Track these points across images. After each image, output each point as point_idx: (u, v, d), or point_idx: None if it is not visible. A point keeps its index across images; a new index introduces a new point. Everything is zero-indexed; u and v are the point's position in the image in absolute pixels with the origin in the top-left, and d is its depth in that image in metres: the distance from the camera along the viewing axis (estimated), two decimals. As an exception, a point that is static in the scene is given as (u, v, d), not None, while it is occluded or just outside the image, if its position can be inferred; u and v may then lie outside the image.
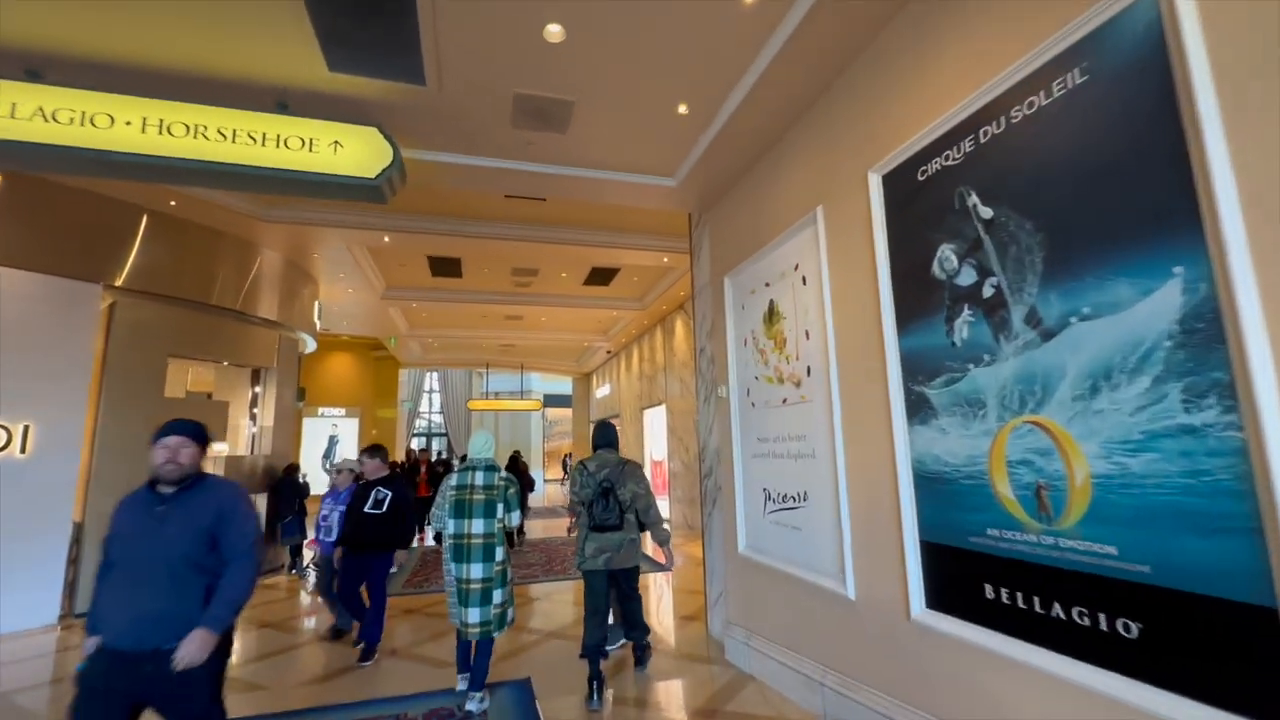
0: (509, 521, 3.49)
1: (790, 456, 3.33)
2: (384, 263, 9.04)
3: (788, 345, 3.39)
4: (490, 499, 3.40)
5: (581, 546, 3.62)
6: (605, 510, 3.54)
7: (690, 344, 10.45)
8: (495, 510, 3.40)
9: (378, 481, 4.45)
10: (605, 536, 3.55)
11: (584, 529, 3.63)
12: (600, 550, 3.54)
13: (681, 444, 10.96)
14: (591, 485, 3.61)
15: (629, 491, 3.63)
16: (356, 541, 4.30)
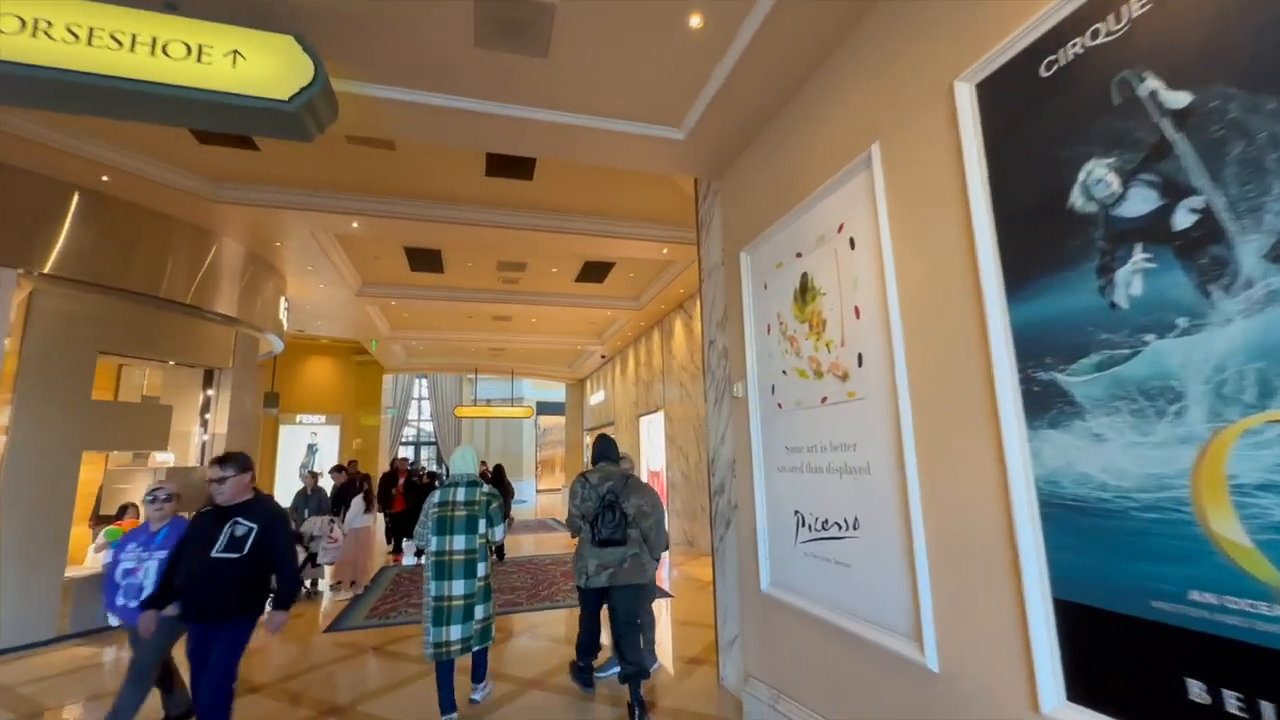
0: (492, 536, 3.44)
1: (833, 471, 2.59)
2: (357, 255, 8.28)
3: (828, 328, 2.66)
4: (472, 514, 3.37)
5: (584, 564, 3.46)
6: (610, 525, 3.40)
7: (691, 346, 9.72)
8: (477, 526, 3.37)
9: (238, 508, 2.84)
10: (608, 552, 3.42)
11: (584, 544, 3.48)
12: (602, 566, 3.40)
13: (681, 453, 10.19)
14: (594, 499, 3.46)
15: (634, 505, 3.48)
16: (193, 606, 2.71)
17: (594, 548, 3.44)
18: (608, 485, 3.51)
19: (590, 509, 3.48)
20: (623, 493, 3.50)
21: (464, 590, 3.27)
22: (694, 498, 9.55)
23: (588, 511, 3.49)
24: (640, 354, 12.85)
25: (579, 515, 3.53)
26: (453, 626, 3.21)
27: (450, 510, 3.38)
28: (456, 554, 3.30)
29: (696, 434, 9.41)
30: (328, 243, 7.38)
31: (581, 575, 3.47)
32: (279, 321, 8.41)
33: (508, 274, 9.24)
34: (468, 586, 3.28)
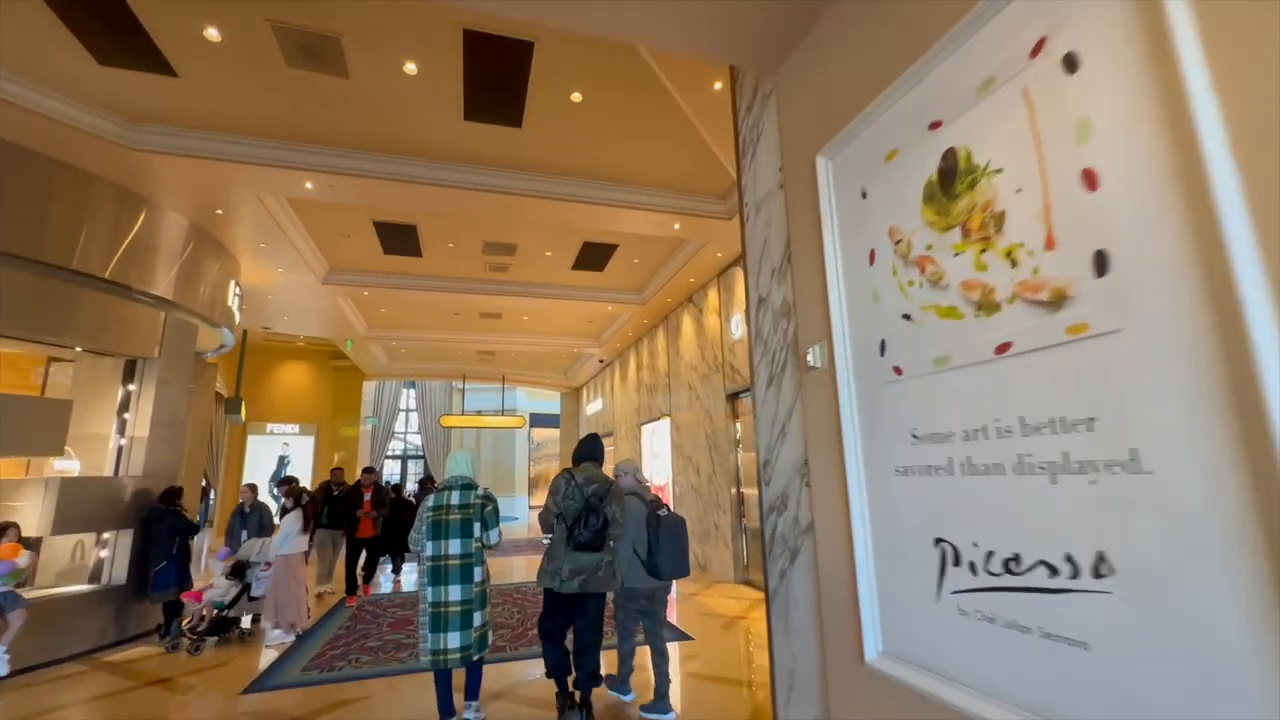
0: (487, 540, 3.40)
1: (1034, 469, 1.46)
2: (320, 232, 7.16)
3: (1009, 225, 1.55)
4: (467, 518, 3.33)
5: (557, 566, 3.32)
6: (591, 529, 3.27)
7: (702, 342, 8.62)
8: (472, 529, 3.33)
9: None
10: (584, 557, 3.32)
11: (559, 545, 3.37)
12: (576, 571, 3.29)
13: (689, 464, 9.03)
14: (578, 498, 3.35)
15: (613, 514, 3.37)
16: None
17: (570, 551, 3.31)
18: (593, 487, 3.38)
19: (572, 509, 3.33)
20: (606, 498, 3.38)
21: (461, 596, 3.22)
22: (707, 515, 8.38)
23: (568, 511, 3.34)
24: (643, 356, 11.73)
25: (557, 514, 3.40)
26: (450, 634, 3.16)
27: (445, 514, 3.32)
28: (452, 559, 3.26)
29: (710, 441, 8.26)
30: (281, 212, 6.26)
31: (554, 578, 3.30)
32: (229, 310, 7.26)
33: (496, 259, 8.13)
34: (465, 592, 3.23)
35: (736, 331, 7.57)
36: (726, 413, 7.85)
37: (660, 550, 3.51)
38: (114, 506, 5.39)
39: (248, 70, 4.30)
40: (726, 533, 7.73)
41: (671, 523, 3.61)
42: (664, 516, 3.59)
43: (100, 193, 5.38)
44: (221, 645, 5.31)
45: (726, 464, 7.78)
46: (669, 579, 3.58)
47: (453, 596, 3.21)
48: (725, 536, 7.76)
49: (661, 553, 3.51)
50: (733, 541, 7.56)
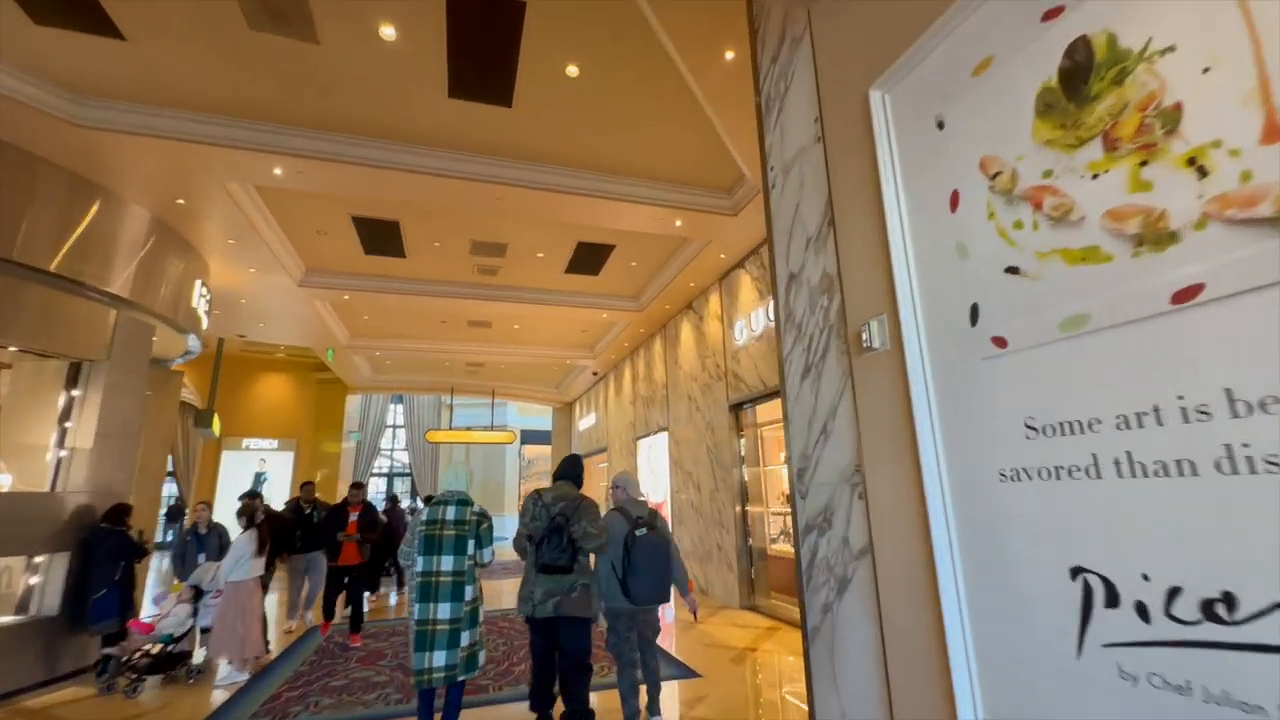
0: (480, 559, 3.32)
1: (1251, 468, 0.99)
2: (295, 227, 6.67)
3: (1189, 120, 1.10)
4: (461, 534, 3.24)
5: (530, 591, 3.20)
6: (556, 549, 3.16)
7: (703, 350, 8.15)
8: (466, 546, 3.24)
9: None
10: (555, 579, 3.18)
11: (530, 569, 3.26)
12: (549, 594, 3.15)
13: (689, 480, 8.51)
14: (543, 519, 3.24)
15: (580, 529, 3.22)
16: None
17: (540, 574, 3.20)
18: (560, 506, 3.27)
19: (539, 529, 3.24)
20: (573, 516, 3.25)
21: (450, 614, 3.12)
22: (708, 535, 7.83)
23: (535, 531, 3.26)
24: (639, 367, 11.25)
25: (526, 535, 3.32)
26: (437, 652, 3.06)
27: (439, 529, 3.24)
28: (444, 575, 3.16)
29: (712, 455, 7.75)
30: (250, 203, 5.77)
31: (528, 603, 3.21)
32: (193, 313, 6.72)
33: (484, 260, 7.66)
34: (454, 610, 3.13)
35: (741, 338, 7.12)
36: (729, 425, 7.36)
37: (633, 571, 3.30)
38: (49, 526, 4.79)
39: (205, 33, 3.85)
40: (730, 554, 7.19)
41: (649, 543, 3.38)
42: (640, 536, 3.37)
43: (48, 177, 4.88)
44: (168, 684, 4.69)
45: (730, 480, 7.27)
46: (641, 604, 3.35)
47: (441, 615, 3.10)
48: (729, 558, 7.22)
49: (634, 574, 3.30)
50: (737, 564, 7.01)
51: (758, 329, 6.72)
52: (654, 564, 3.34)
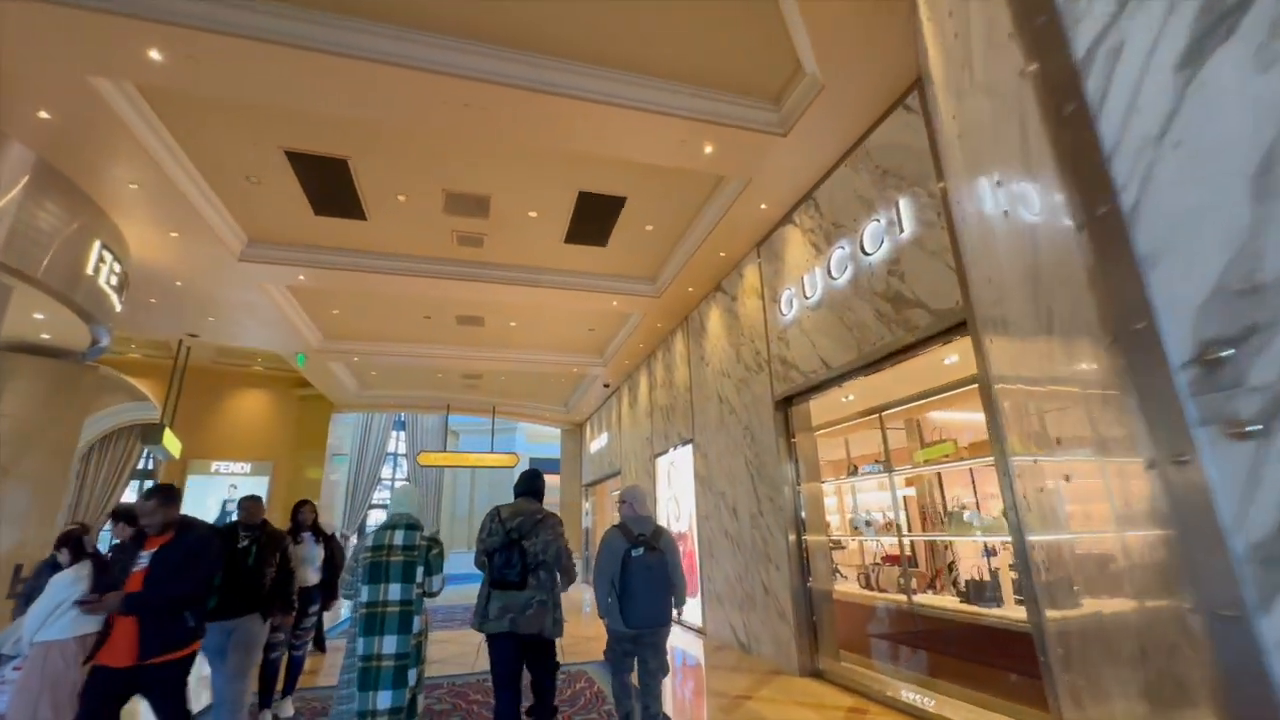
0: (429, 587, 3.18)
1: None
2: (213, 167, 5.24)
3: None
4: (410, 560, 3.09)
5: (483, 605, 3.02)
6: (506, 564, 3.00)
7: (736, 339, 6.45)
8: (415, 574, 3.08)
9: None
10: (509, 594, 3.01)
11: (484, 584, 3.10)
12: (505, 610, 2.98)
13: (723, 502, 6.74)
14: (499, 534, 3.09)
15: (539, 543, 3.07)
16: None
17: (494, 590, 3.02)
18: (516, 521, 3.11)
19: (494, 544, 3.07)
20: (530, 531, 3.10)
21: (396, 648, 2.93)
22: (749, 572, 6.03)
23: (491, 546, 3.08)
24: (656, 372, 9.60)
25: (483, 551, 3.12)
26: (381, 692, 2.86)
27: (386, 555, 3.07)
28: (391, 605, 2.98)
29: (752, 468, 6.01)
30: (137, 118, 4.34)
31: (480, 617, 3.01)
32: (98, 291, 5.28)
33: (464, 224, 6.16)
34: (400, 644, 2.94)
35: (789, 311, 5.47)
36: (776, 427, 5.64)
37: (627, 593, 3.12)
38: None
39: None
40: (782, 598, 5.37)
41: (644, 564, 3.16)
42: (635, 556, 3.17)
43: None
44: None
45: (778, 500, 5.51)
46: (636, 627, 3.13)
47: (387, 649, 2.92)
48: (780, 603, 5.40)
49: (627, 595, 3.11)
50: (794, 612, 5.19)
51: (815, 294, 5.07)
52: (650, 585, 3.14)
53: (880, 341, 4.24)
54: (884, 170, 4.30)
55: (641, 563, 3.15)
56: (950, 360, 4.87)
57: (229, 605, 3.36)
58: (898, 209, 4.11)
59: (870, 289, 4.37)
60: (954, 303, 3.57)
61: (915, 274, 3.94)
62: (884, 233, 4.25)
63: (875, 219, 4.34)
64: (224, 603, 3.32)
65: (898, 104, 4.16)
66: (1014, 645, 3.69)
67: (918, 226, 3.93)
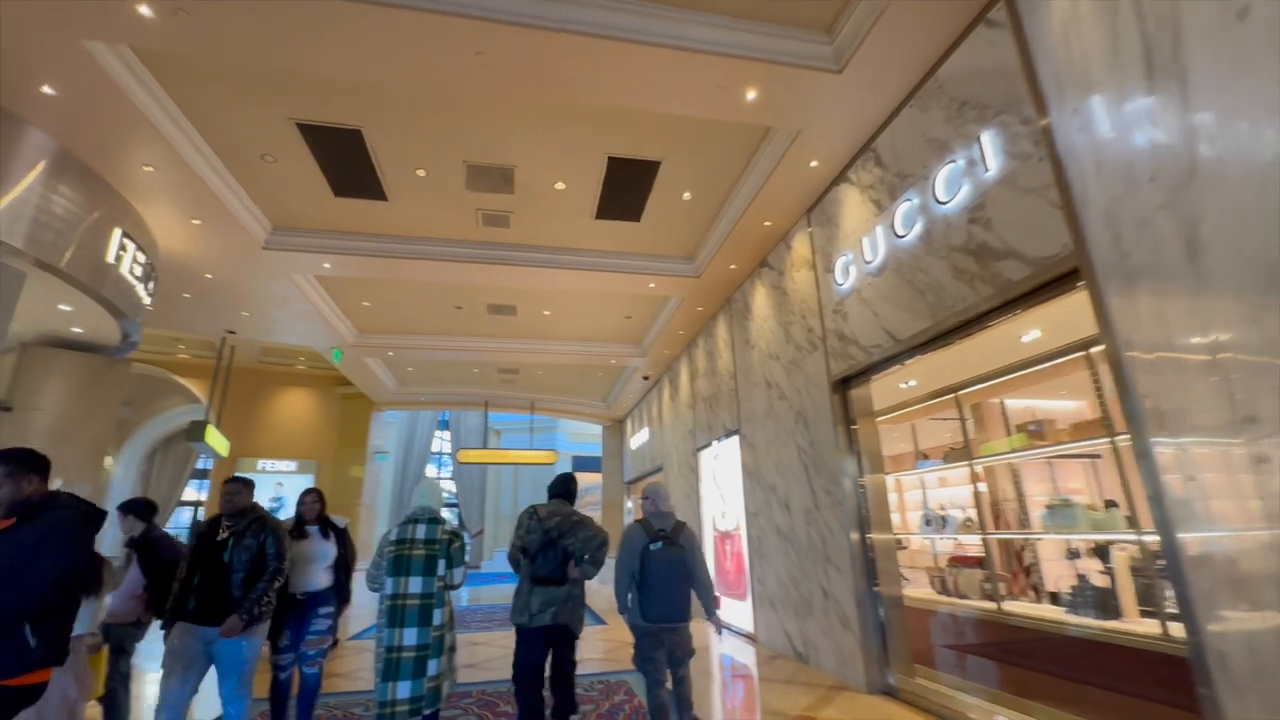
0: (450, 579, 3.22)
1: None
2: (227, 145, 5.02)
3: None
4: (432, 554, 3.15)
5: (526, 601, 3.20)
6: (551, 562, 3.17)
7: (785, 316, 5.80)
8: (436, 567, 3.14)
9: None
10: (550, 590, 3.19)
11: (525, 581, 3.25)
12: (547, 604, 3.17)
13: (774, 496, 6.15)
14: (538, 533, 3.27)
15: (578, 541, 3.25)
16: None
17: (535, 585, 3.20)
18: (555, 521, 3.30)
19: (533, 542, 3.25)
20: (567, 531, 3.28)
21: (416, 640, 3.00)
22: (805, 574, 5.44)
23: (530, 544, 3.26)
24: (697, 361, 9.06)
25: (520, 548, 3.30)
26: (401, 683, 2.92)
27: (409, 549, 3.12)
28: (411, 598, 3.04)
29: (807, 459, 5.42)
30: (139, 88, 4.11)
31: (524, 614, 3.18)
32: (122, 282, 5.16)
33: (488, 201, 5.79)
34: (421, 636, 3.01)
35: (846, 280, 4.85)
36: (834, 412, 5.03)
37: (645, 587, 3.11)
38: None
39: None
40: (844, 604, 4.76)
41: (663, 558, 3.14)
42: (654, 550, 3.15)
43: None
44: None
45: (837, 493, 4.89)
46: (655, 622, 3.11)
47: (407, 641, 2.98)
48: (842, 610, 4.79)
49: (646, 590, 3.11)
50: (859, 620, 4.57)
51: (877, 258, 4.43)
52: (668, 580, 3.14)
53: (961, 304, 3.59)
54: (961, 102, 3.65)
55: (661, 557, 3.16)
56: (1030, 336, 4.20)
57: (206, 609, 2.93)
58: (980, 145, 3.45)
59: (946, 243, 3.72)
60: (1060, 247, 2.91)
61: (1005, 218, 3.28)
62: (962, 176, 3.60)
63: (951, 160, 3.69)
64: (201, 607, 2.93)
65: (978, 20, 3.51)
66: (1140, 665, 3.00)
67: (1008, 162, 3.27)
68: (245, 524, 3.11)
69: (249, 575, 3.01)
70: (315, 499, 3.79)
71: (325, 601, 3.60)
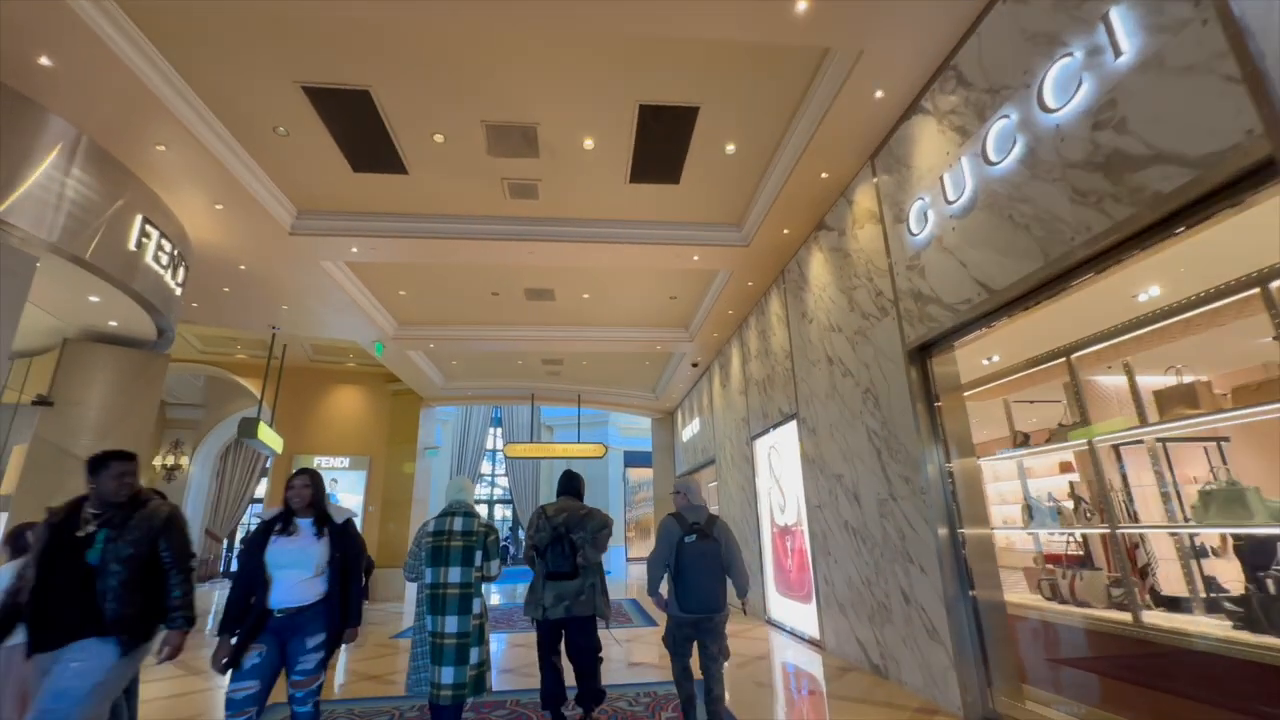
0: (488, 571, 3.30)
1: None
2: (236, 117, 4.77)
3: None
4: (469, 545, 3.25)
5: (539, 596, 3.44)
6: (559, 557, 3.39)
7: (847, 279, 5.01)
8: (474, 558, 3.24)
9: None
10: (562, 584, 3.41)
11: (539, 577, 3.49)
12: (560, 598, 3.39)
13: (839, 486, 5.44)
14: (547, 530, 3.51)
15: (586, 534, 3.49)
16: None
17: (548, 580, 3.39)
18: (562, 517, 3.52)
19: (543, 540, 3.47)
20: (575, 526, 3.51)
21: (457, 628, 3.10)
22: (880, 575, 4.72)
23: (540, 542, 3.47)
24: (749, 342, 8.37)
25: (532, 546, 3.52)
26: (445, 669, 3.03)
27: (446, 540, 3.24)
28: (451, 587, 3.14)
29: (879, 441, 4.70)
30: (132, 52, 3.86)
31: (538, 608, 3.42)
32: (148, 272, 5.04)
33: (513, 168, 5.34)
34: (461, 624, 3.11)
35: (922, 228, 4.09)
36: (912, 385, 4.28)
37: (680, 578, 3.22)
38: None
39: None
40: (933, 611, 4.02)
41: (697, 551, 3.25)
42: (688, 543, 3.26)
43: None
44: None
45: (920, 481, 4.15)
46: (691, 613, 3.21)
47: (449, 629, 3.08)
48: (929, 618, 4.05)
49: (681, 581, 3.22)
50: (952, 631, 3.82)
51: (963, 194, 3.67)
52: (703, 572, 3.22)
53: (1084, 234, 2.81)
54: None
55: (696, 550, 3.26)
56: (1148, 294, 3.42)
57: (43, 624, 2.26)
58: (1108, 26, 2.67)
59: (1060, 160, 2.94)
60: (1243, 135, 2.13)
61: (1149, 114, 2.49)
62: (1081, 71, 2.82)
63: (1065, 54, 2.91)
64: (37, 619, 2.27)
65: None
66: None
67: (1151, 39, 2.48)
68: (124, 516, 2.49)
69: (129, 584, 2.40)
70: (307, 482, 2.88)
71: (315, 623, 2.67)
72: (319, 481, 2.95)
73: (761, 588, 7.75)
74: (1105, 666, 3.45)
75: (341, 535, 2.88)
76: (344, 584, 2.80)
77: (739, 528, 8.89)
